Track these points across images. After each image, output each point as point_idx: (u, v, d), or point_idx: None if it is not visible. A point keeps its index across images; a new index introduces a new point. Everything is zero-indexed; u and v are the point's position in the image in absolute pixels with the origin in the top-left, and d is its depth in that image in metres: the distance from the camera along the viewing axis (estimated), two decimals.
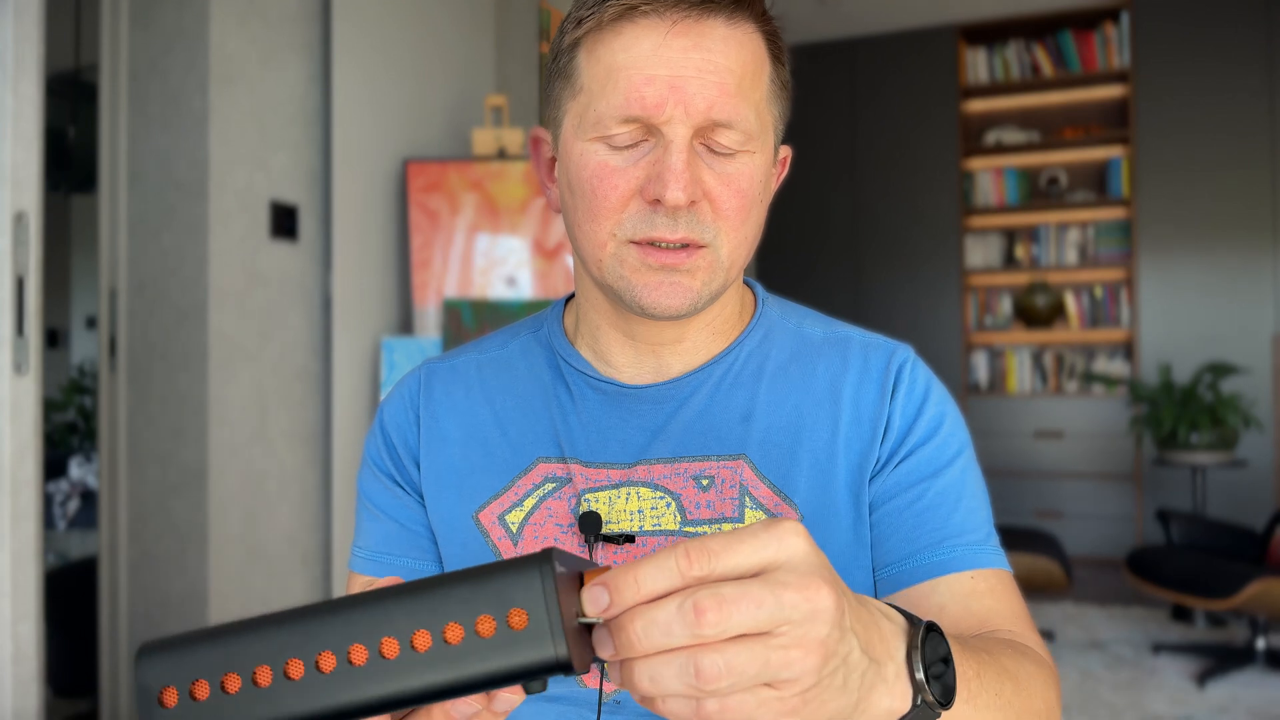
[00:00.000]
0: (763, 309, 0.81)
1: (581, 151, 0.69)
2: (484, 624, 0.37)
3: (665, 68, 0.65)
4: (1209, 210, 4.58)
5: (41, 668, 1.66)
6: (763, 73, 0.69)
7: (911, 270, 5.13)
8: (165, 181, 2.26)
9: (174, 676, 0.39)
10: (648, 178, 0.66)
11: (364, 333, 2.64)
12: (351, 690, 0.37)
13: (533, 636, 0.37)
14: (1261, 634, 3.16)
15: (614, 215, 0.68)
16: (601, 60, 0.68)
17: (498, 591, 0.37)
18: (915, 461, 0.73)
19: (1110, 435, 4.73)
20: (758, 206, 0.70)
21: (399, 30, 2.84)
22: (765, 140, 0.70)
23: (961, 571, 0.71)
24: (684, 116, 0.65)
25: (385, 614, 0.38)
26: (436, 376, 0.82)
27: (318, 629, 0.38)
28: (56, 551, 3.08)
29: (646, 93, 0.65)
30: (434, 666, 0.37)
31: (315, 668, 0.38)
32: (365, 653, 0.37)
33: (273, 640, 0.38)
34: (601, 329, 0.77)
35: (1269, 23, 4.48)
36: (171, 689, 0.39)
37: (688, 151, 0.66)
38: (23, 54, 1.63)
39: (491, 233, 2.72)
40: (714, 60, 0.66)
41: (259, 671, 0.38)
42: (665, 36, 0.65)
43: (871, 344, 0.78)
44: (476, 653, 0.37)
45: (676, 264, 0.67)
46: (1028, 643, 0.67)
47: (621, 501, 0.73)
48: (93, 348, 4.22)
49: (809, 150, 5.32)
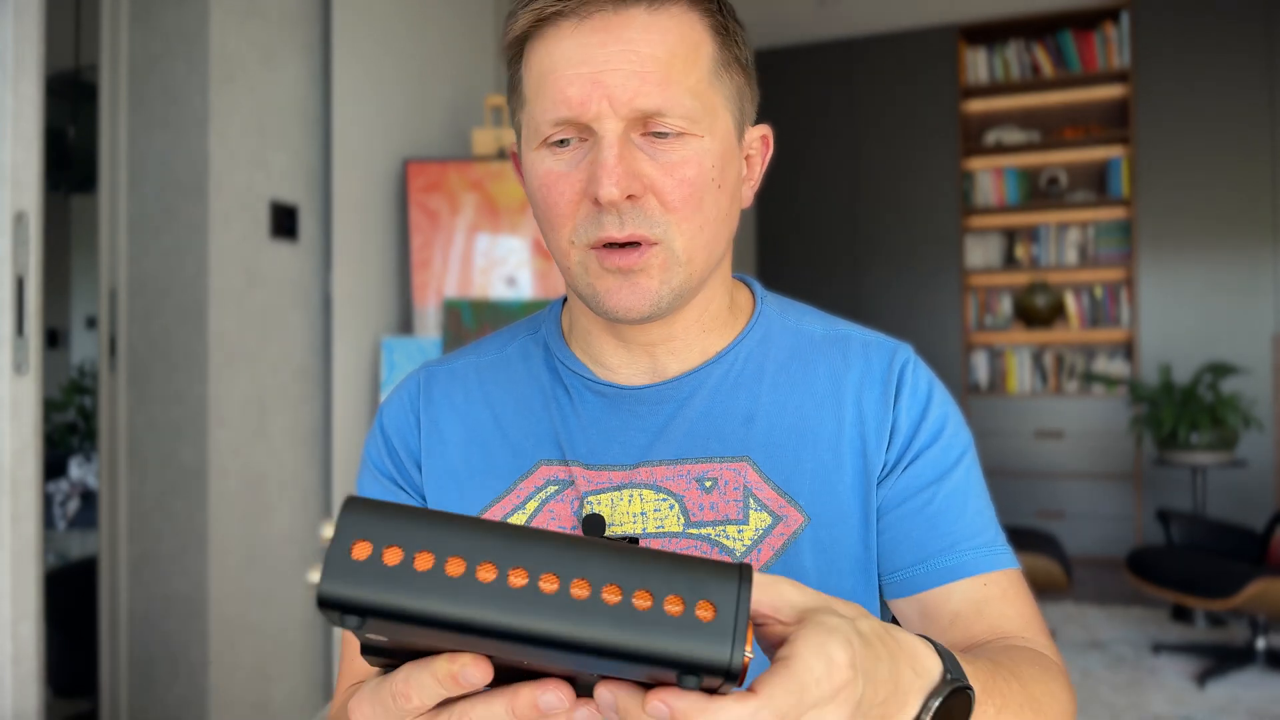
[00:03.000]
0: (761, 307, 0.80)
1: (532, 161, 0.70)
2: (672, 603, 0.37)
3: (587, 65, 0.65)
4: (1209, 210, 4.58)
5: (41, 668, 1.65)
6: (699, 53, 0.67)
7: (911, 270, 5.13)
8: (165, 181, 2.25)
9: (372, 533, 0.38)
10: (588, 179, 0.66)
11: (364, 333, 2.64)
12: (530, 615, 0.37)
13: (713, 632, 0.37)
14: (1261, 634, 3.16)
15: (568, 221, 0.68)
16: (534, 68, 0.68)
17: (695, 580, 0.38)
18: (922, 465, 0.74)
19: (1110, 435, 4.73)
20: (712, 193, 0.68)
21: (399, 30, 2.84)
22: (713, 123, 0.68)
23: (974, 576, 0.71)
24: (610, 111, 0.65)
25: (582, 557, 0.38)
26: (436, 380, 0.82)
27: (518, 546, 0.38)
28: (56, 551, 3.07)
29: (570, 92, 0.65)
30: (613, 622, 0.37)
31: (505, 579, 0.38)
32: (555, 584, 0.38)
33: (474, 538, 0.38)
34: (593, 333, 0.77)
35: (1269, 23, 4.47)
36: (365, 543, 0.38)
37: (619, 146, 0.65)
38: (23, 54, 1.63)
39: (491, 233, 2.72)
40: (635, 50, 0.65)
41: (452, 561, 0.38)
42: (585, 34, 0.65)
43: (872, 343, 0.78)
44: (656, 626, 0.37)
45: (629, 265, 0.67)
46: (1039, 646, 0.69)
47: (624, 504, 0.73)
48: (93, 348, 4.22)
49: (809, 150, 5.32)
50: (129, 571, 2.28)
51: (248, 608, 2.31)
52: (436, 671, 0.40)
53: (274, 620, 2.40)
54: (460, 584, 0.37)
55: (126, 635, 2.27)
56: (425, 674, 0.40)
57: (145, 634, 2.26)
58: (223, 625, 2.24)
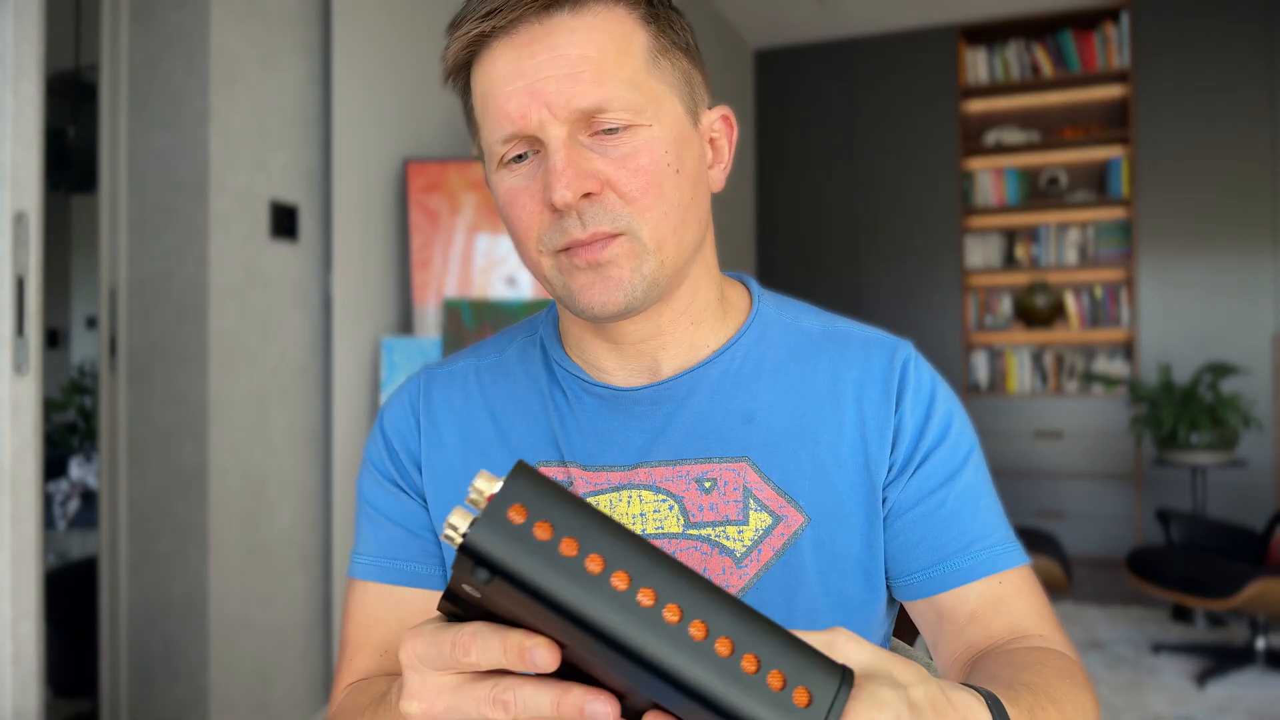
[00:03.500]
0: (758, 305, 0.80)
1: (495, 183, 0.71)
2: (775, 677, 0.38)
3: (521, 78, 0.66)
4: (1209, 210, 4.57)
5: (41, 668, 1.65)
6: (631, 44, 0.68)
7: (911, 270, 5.13)
8: (165, 181, 2.25)
9: (532, 504, 0.39)
10: (544, 187, 0.67)
11: (364, 333, 2.64)
12: (644, 634, 0.38)
13: (802, 717, 0.38)
14: (1261, 634, 3.16)
15: (533, 232, 0.69)
16: (477, 93, 0.70)
17: (802, 664, 0.39)
18: (932, 466, 0.74)
19: (1110, 435, 4.73)
20: (671, 179, 0.68)
21: (399, 30, 2.84)
22: (659, 110, 0.68)
23: (990, 576, 0.72)
24: (550, 118, 0.66)
25: (708, 602, 0.39)
26: (435, 382, 0.82)
27: (655, 567, 0.39)
28: (56, 551, 3.07)
29: (510, 108, 0.67)
30: (717, 671, 0.38)
31: (634, 593, 0.39)
32: (677, 616, 0.39)
33: (618, 545, 0.39)
34: (585, 338, 0.77)
35: (1269, 23, 4.48)
36: (523, 509, 0.39)
37: (566, 150, 0.66)
38: (23, 54, 1.63)
39: (492, 233, 2.72)
40: (564, 54, 0.66)
41: (593, 557, 0.39)
42: (516, 49, 0.67)
43: (871, 340, 0.78)
44: (753, 691, 0.38)
45: (596, 258, 0.67)
46: (1056, 643, 0.70)
47: (623, 505, 0.73)
48: (93, 348, 4.22)
49: (809, 150, 5.32)
50: (129, 571, 2.28)
51: (248, 608, 2.31)
52: (508, 641, 0.40)
53: (274, 620, 2.40)
54: (593, 581, 0.38)
55: (126, 635, 2.27)
56: (495, 639, 0.40)
57: (145, 634, 2.26)
58: (223, 625, 2.24)
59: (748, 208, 5.34)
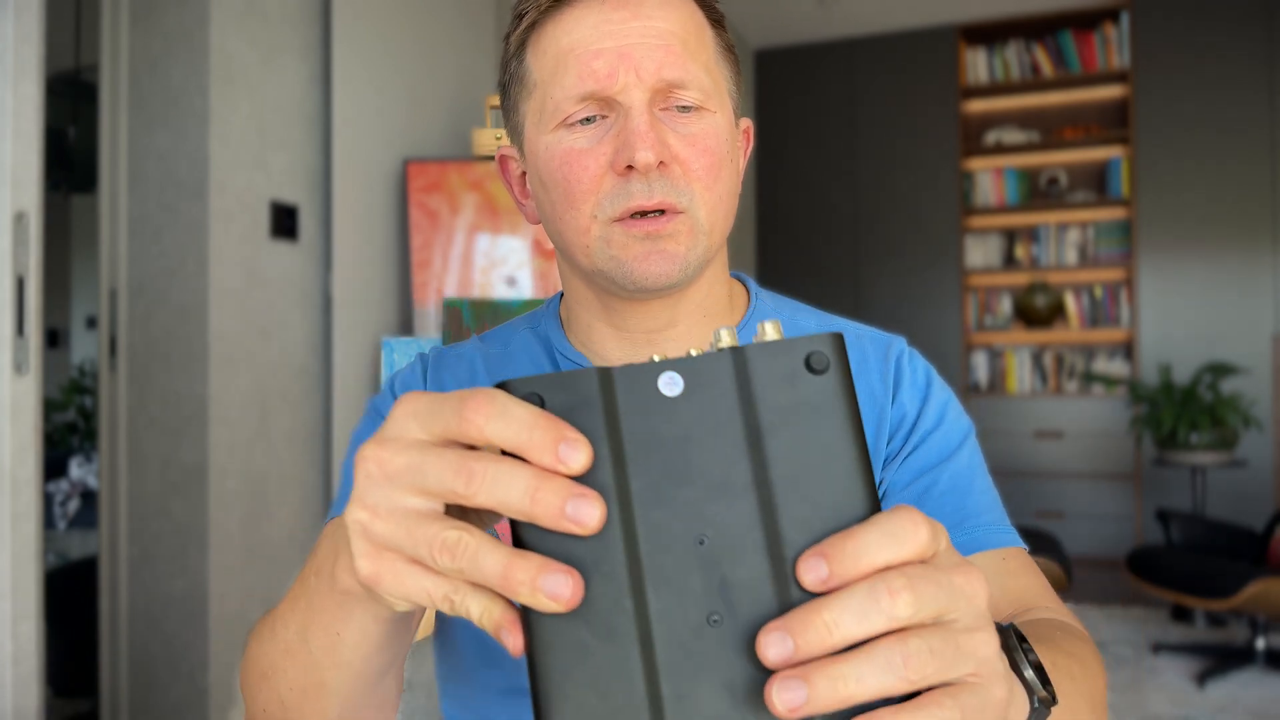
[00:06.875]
0: (756, 302, 0.81)
1: (547, 145, 0.70)
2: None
3: (610, 40, 0.66)
4: (1209, 210, 4.57)
5: (41, 668, 1.65)
6: (704, 34, 0.71)
7: (911, 270, 5.13)
8: (165, 181, 2.25)
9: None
10: (615, 150, 0.67)
11: (364, 333, 2.64)
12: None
13: None
14: (1261, 634, 3.16)
15: (591, 196, 0.68)
16: (548, 51, 0.69)
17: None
18: (925, 450, 0.74)
19: (1110, 435, 4.73)
20: (728, 166, 0.70)
21: (399, 30, 2.84)
22: (722, 100, 0.71)
23: (991, 550, 0.71)
24: (637, 82, 0.66)
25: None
26: (444, 361, 0.82)
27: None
28: (56, 551, 3.07)
29: (597, 66, 0.66)
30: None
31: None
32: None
33: None
34: (594, 327, 0.77)
35: (1269, 23, 4.48)
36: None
37: (648, 114, 0.66)
38: (23, 54, 1.63)
39: (492, 233, 2.72)
40: (655, 25, 0.67)
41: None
42: (603, 12, 0.67)
43: (866, 336, 0.79)
44: None
45: (659, 230, 0.67)
46: (1064, 616, 0.68)
47: None
48: (93, 348, 4.23)
49: (809, 150, 5.32)
50: (129, 571, 2.28)
51: (248, 608, 2.31)
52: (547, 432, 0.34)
53: None
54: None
55: (126, 635, 2.27)
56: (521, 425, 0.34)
57: (145, 634, 2.26)
58: (223, 625, 2.24)
59: (748, 207, 5.33)
